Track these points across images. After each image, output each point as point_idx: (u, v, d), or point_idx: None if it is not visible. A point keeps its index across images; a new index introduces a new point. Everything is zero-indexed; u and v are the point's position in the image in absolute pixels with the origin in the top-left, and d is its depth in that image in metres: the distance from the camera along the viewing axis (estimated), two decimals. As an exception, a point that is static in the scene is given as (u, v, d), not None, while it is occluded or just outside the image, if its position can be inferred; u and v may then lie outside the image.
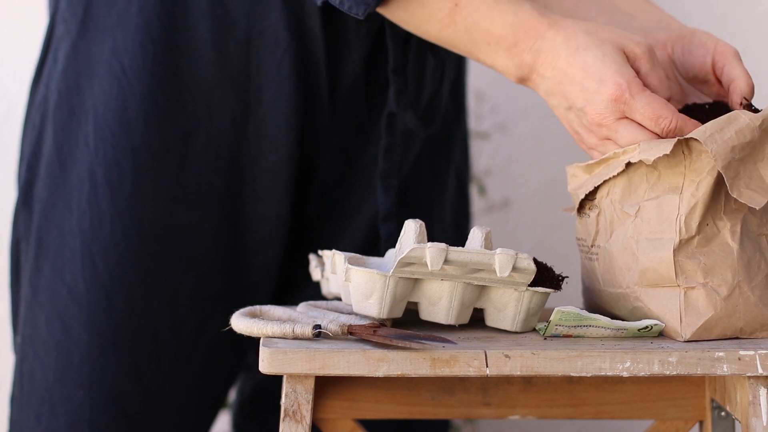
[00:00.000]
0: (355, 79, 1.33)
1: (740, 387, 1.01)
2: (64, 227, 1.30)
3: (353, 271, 1.03)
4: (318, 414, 1.13)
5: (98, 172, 1.29)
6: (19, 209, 1.36)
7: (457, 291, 1.03)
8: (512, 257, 1.02)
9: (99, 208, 1.29)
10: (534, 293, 1.05)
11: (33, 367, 1.32)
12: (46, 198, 1.32)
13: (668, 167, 1.05)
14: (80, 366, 1.29)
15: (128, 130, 1.29)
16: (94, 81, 1.30)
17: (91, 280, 1.29)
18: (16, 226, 1.37)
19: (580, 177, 1.14)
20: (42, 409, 1.30)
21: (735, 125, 1.02)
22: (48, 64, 1.35)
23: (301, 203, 1.38)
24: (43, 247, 1.31)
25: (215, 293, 1.34)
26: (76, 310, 1.29)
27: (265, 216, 1.34)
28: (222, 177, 1.32)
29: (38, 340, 1.31)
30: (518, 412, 1.15)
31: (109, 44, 1.29)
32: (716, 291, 1.03)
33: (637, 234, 1.06)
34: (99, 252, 1.29)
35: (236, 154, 1.32)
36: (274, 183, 1.33)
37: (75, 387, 1.29)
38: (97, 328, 1.29)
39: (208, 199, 1.32)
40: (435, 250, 1.00)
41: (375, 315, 1.02)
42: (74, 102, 1.31)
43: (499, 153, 1.87)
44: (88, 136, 1.29)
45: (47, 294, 1.30)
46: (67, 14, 1.33)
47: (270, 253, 1.36)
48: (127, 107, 1.28)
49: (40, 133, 1.35)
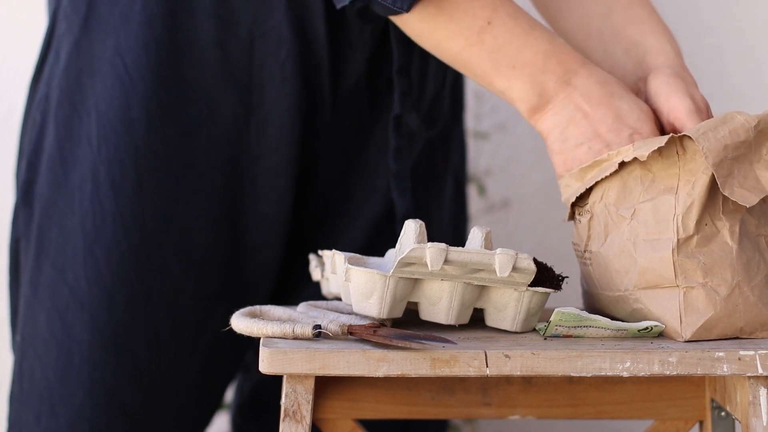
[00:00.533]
0: (358, 79, 1.33)
1: (740, 387, 1.01)
2: (66, 226, 1.30)
3: (353, 271, 1.03)
4: (318, 414, 1.13)
5: (101, 170, 1.29)
6: (19, 207, 1.36)
7: (457, 291, 1.03)
8: (512, 257, 1.02)
9: (102, 207, 1.29)
10: (534, 293, 1.05)
11: (33, 365, 1.32)
12: (47, 196, 1.31)
13: (662, 169, 1.05)
14: (81, 365, 1.29)
15: (131, 129, 1.29)
16: (96, 79, 1.30)
17: (93, 280, 1.29)
18: (16, 224, 1.37)
19: (573, 186, 1.14)
20: (42, 408, 1.30)
21: (729, 124, 1.02)
22: (49, 62, 1.35)
23: (301, 203, 1.38)
24: (44, 246, 1.31)
25: (215, 293, 1.34)
26: (78, 309, 1.29)
27: (265, 216, 1.34)
28: (223, 176, 1.32)
29: (38, 339, 1.31)
30: (518, 412, 1.15)
31: (111, 42, 1.29)
32: (716, 291, 1.03)
33: (634, 236, 1.06)
34: (101, 251, 1.29)
35: (238, 154, 1.32)
36: (275, 183, 1.33)
37: (75, 386, 1.29)
38: (98, 328, 1.29)
39: (209, 199, 1.32)
40: (435, 250, 1.00)
41: (375, 315, 1.02)
42: (76, 100, 1.31)
43: (499, 153, 1.87)
44: (91, 135, 1.29)
45: (48, 293, 1.30)
46: (69, 11, 1.32)
47: (270, 253, 1.36)
48: (130, 106, 1.28)
49: (41, 130, 1.34)
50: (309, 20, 1.30)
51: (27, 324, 1.33)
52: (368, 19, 1.29)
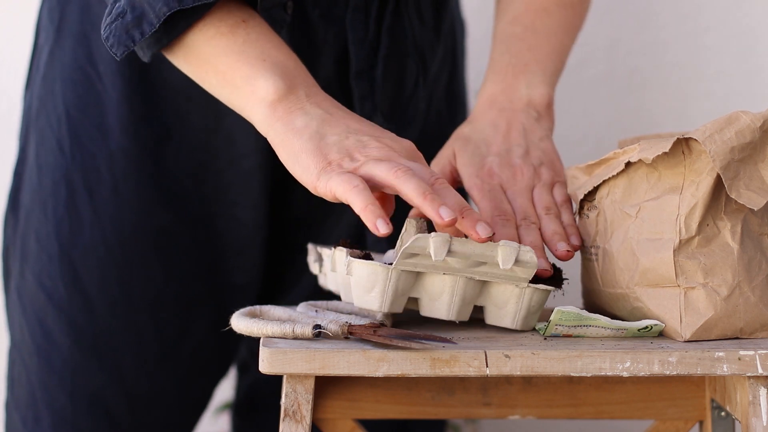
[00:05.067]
0: (329, 83, 1.32)
1: (740, 387, 1.01)
2: (41, 232, 1.31)
3: (356, 264, 1.03)
4: (318, 414, 1.13)
5: (75, 177, 1.30)
6: (8, 215, 1.38)
7: (458, 286, 1.03)
8: (515, 250, 1.02)
9: (77, 213, 1.29)
10: (535, 291, 1.05)
11: (20, 372, 1.33)
12: (28, 204, 1.33)
13: (668, 167, 1.05)
14: (62, 370, 1.29)
15: (105, 135, 1.29)
16: (67, 87, 1.31)
17: (70, 285, 1.29)
18: (6, 232, 1.38)
19: (580, 178, 1.14)
20: (27, 413, 1.31)
21: (735, 126, 1.02)
22: (33, 72, 1.37)
23: (285, 205, 1.38)
24: (25, 253, 1.32)
25: (198, 295, 1.34)
26: (56, 314, 1.29)
27: (241, 220, 1.34)
28: (196, 181, 1.32)
29: (24, 346, 1.32)
30: (518, 412, 1.15)
31: (83, 51, 1.30)
32: (716, 291, 1.03)
33: (638, 234, 1.06)
34: (78, 257, 1.29)
35: (208, 159, 1.32)
36: (248, 188, 1.33)
37: (57, 391, 1.30)
38: (77, 332, 1.29)
39: (185, 203, 1.32)
40: (439, 240, 1.00)
41: (376, 308, 1.02)
42: (50, 108, 1.32)
43: (499, 153, 1.87)
44: (63, 141, 1.30)
45: (29, 299, 1.31)
46: (46, 22, 1.35)
47: (251, 256, 1.36)
48: (104, 113, 1.29)
49: (25, 140, 1.36)
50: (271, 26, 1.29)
51: (15, 330, 1.34)
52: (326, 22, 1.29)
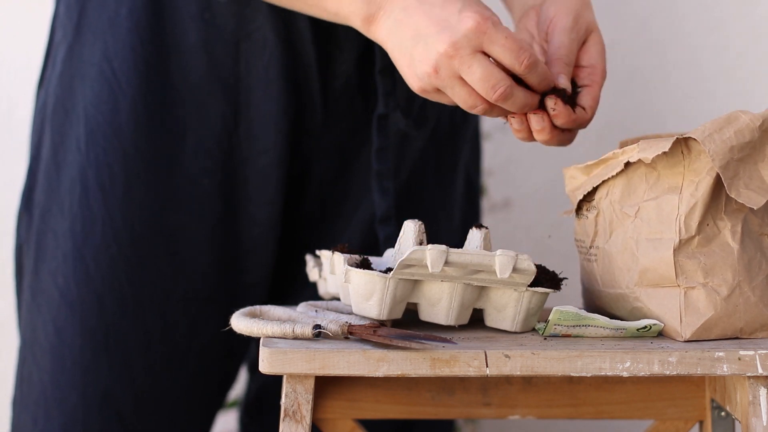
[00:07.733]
0: (348, 80, 1.33)
1: (740, 387, 1.01)
2: (58, 231, 1.30)
3: (353, 273, 1.03)
4: (318, 414, 1.13)
5: (90, 175, 1.29)
6: (21, 214, 1.37)
7: (456, 292, 1.03)
8: (512, 258, 1.02)
9: (90, 211, 1.29)
10: (534, 293, 1.05)
11: (31, 370, 1.33)
12: (43, 203, 1.33)
13: (667, 167, 1.05)
14: (73, 368, 1.29)
15: (119, 133, 1.29)
16: (86, 84, 1.31)
17: (82, 283, 1.29)
18: (19, 230, 1.38)
19: (578, 178, 1.14)
20: (38, 412, 1.31)
21: (734, 125, 1.02)
22: (48, 69, 1.37)
23: (297, 204, 1.38)
24: (40, 251, 1.32)
25: (208, 294, 1.34)
26: (68, 313, 1.29)
27: (256, 218, 1.34)
28: (213, 179, 1.32)
29: (35, 344, 1.32)
30: (518, 412, 1.15)
31: (100, 47, 1.30)
32: (716, 291, 1.03)
33: (637, 234, 1.06)
34: (90, 255, 1.29)
35: (227, 157, 1.32)
36: (265, 185, 1.33)
37: (68, 389, 1.30)
38: (88, 331, 1.29)
39: (200, 201, 1.32)
40: (435, 252, 1.00)
41: (375, 316, 1.02)
42: (68, 105, 1.32)
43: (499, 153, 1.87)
44: (80, 140, 1.30)
45: (43, 297, 1.31)
46: (64, 19, 1.34)
47: (264, 254, 1.36)
48: (118, 110, 1.29)
49: (40, 138, 1.36)
50: (293, 22, 1.29)
51: (27, 329, 1.34)
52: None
